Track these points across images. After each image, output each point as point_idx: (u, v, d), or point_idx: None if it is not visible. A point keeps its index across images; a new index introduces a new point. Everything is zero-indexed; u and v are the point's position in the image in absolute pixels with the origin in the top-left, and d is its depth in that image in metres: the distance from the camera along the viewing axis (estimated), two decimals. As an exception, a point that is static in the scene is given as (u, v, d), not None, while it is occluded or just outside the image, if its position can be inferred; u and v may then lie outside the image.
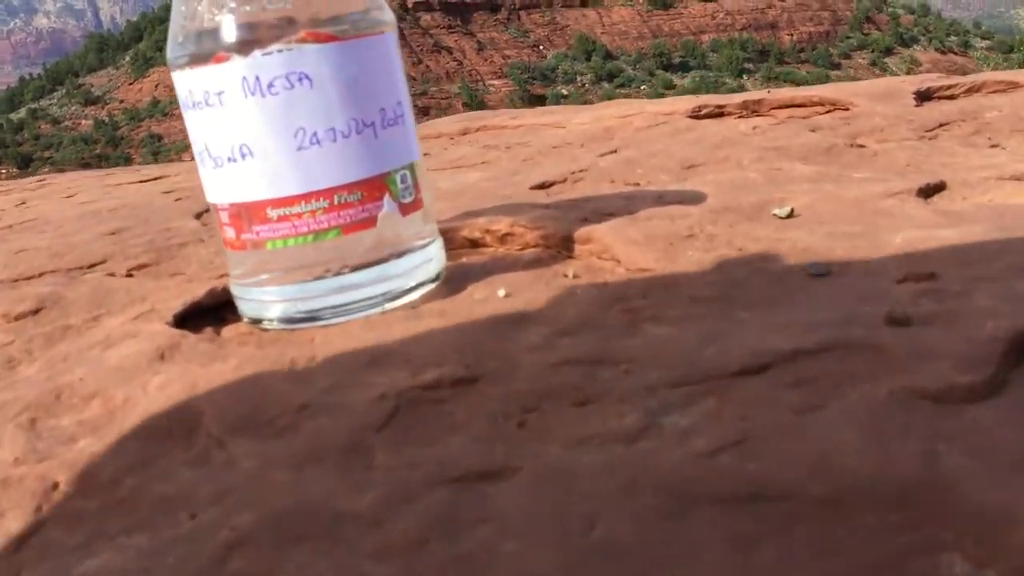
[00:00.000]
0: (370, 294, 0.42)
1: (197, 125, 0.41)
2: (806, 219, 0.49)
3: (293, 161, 0.40)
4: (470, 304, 0.42)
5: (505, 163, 0.82)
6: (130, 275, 0.55)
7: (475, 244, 0.53)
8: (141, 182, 1.23)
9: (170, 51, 0.41)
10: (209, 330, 0.43)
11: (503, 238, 0.53)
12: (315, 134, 0.40)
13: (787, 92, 1.09)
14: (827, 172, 0.61)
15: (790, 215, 0.50)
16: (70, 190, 1.23)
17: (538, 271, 0.46)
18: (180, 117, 0.43)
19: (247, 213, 0.41)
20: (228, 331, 0.43)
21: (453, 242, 0.51)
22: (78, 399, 0.36)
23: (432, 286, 0.44)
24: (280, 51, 0.39)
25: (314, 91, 0.39)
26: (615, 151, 0.82)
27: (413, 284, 0.43)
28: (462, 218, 0.54)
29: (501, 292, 0.42)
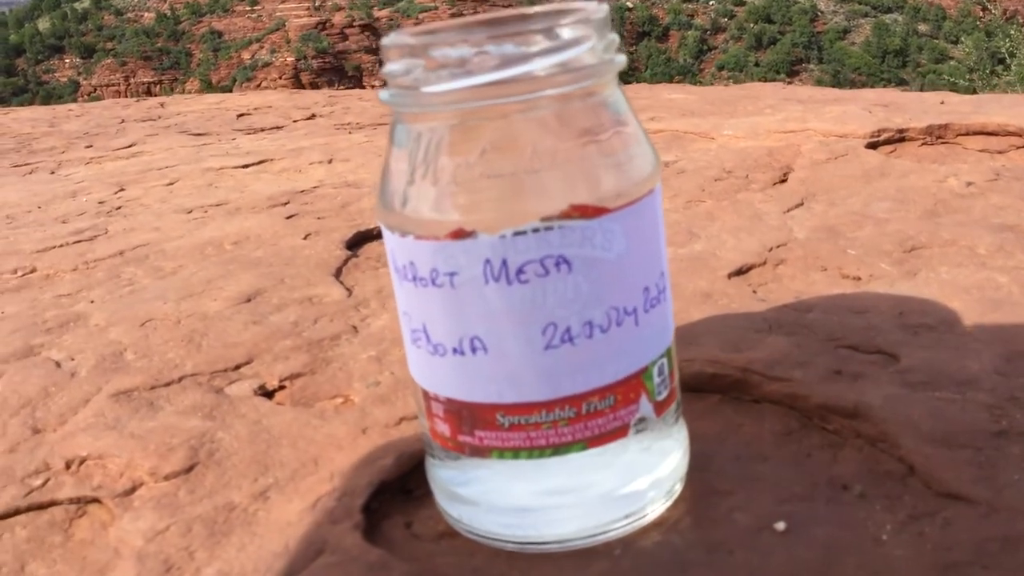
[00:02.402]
0: (612, 518, 0.33)
1: (414, 302, 0.32)
2: None
3: (537, 361, 0.31)
4: (740, 545, 0.33)
5: (669, 210, 0.72)
6: (283, 387, 0.47)
7: (693, 387, 0.44)
8: (244, 167, 1.15)
9: (381, 205, 0.32)
10: (407, 535, 0.35)
11: (733, 384, 0.43)
12: (568, 330, 0.31)
13: (969, 111, 0.97)
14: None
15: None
16: (167, 172, 1.16)
17: (802, 468, 0.37)
18: (241, 14, 0.33)
19: (470, 414, 0.32)
20: (428, 546, 0.35)
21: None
22: None
23: (678, 492, 0.35)
24: (537, 230, 0.29)
25: (572, 276, 0.30)
26: (802, 204, 0.71)
27: (663, 495, 0.34)
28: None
29: (779, 526, 0.33)
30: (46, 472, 0.41)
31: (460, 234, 0.30)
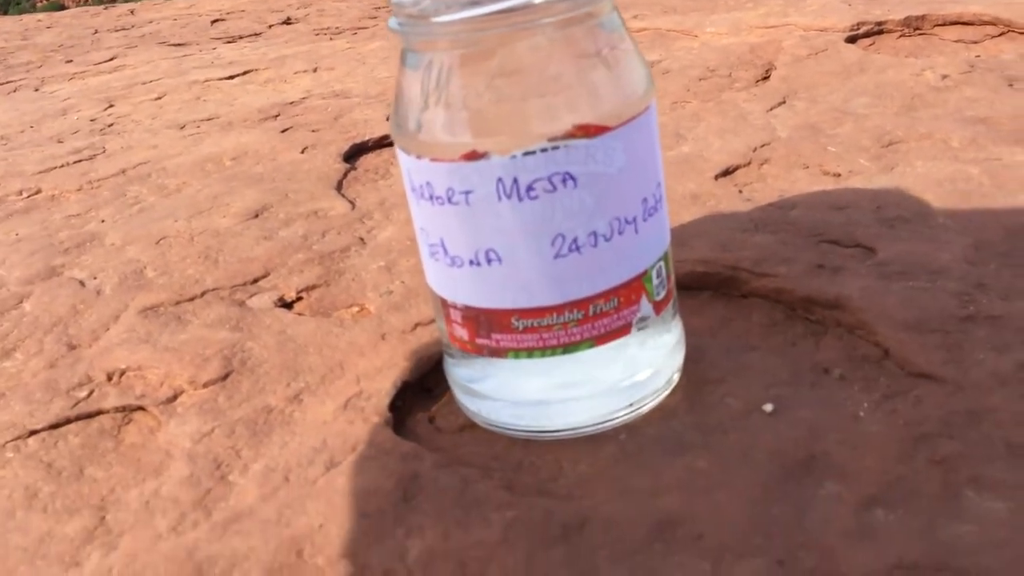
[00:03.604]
0: (617, 406, 0.37)
1: (431, 219, 0.35)
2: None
3: (547, 270, 0.34)
4: (733, 426, 0.36)
5: (657, 112, 0.75)
6: (300, 299, 0.50)
7: (686, 286, 0.47)
8: (230, 78, 1.16)
9: (396, 127, 0.34)
10: (430, 429, 0.39)
11: (723, 281, 0.47)
12: (575, 240, 0.34)
13: (946, 1, 0.98)
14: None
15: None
16: (153, 87, 1.16)
17: (787, 355, 0.41)
18: None
19: (487, 319, 0.35)
20: (451, 438, 0.38)
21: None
22: (323, 560, 0.32)
23: (675, 381, 0.39)
24: (545, 150, 0.32)
25: (577, 191, 0.33)
26: (784, 102, 0.73)
27: (662, 385, 0.38)
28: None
29: (767, 408, 0.37)
30: (89, 384, 0.45)
31: (473, 156, 0.32)
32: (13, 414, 0.43)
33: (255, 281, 0.52)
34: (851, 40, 0.90)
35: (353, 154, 0.74)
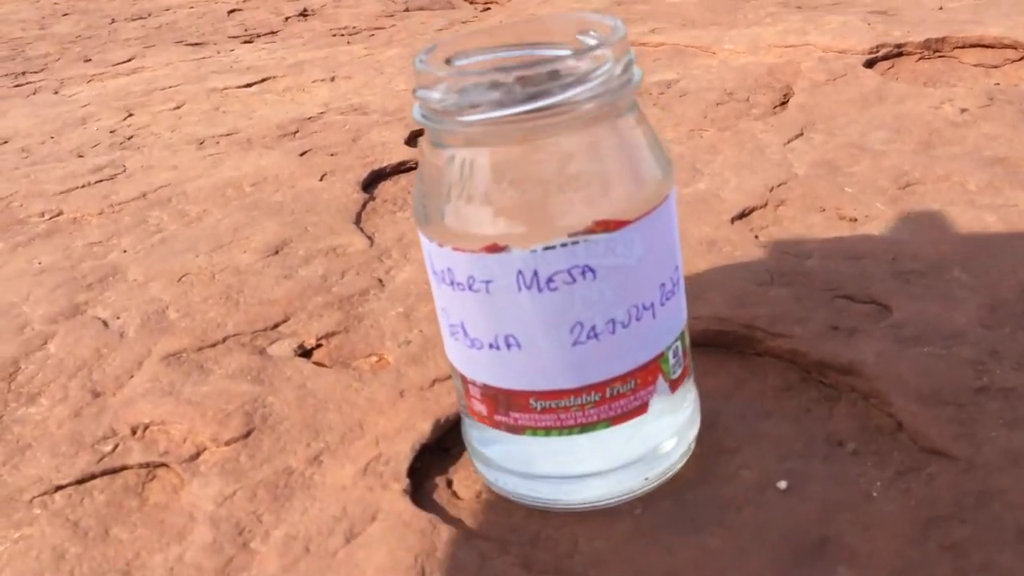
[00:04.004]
0: (632, 482, 0.37)
1: (451, 301, 0.35)
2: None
3: (566, 356, 0.34)
4: (747, 501, 0.37)
5: (673, 141, 0.75)
6: (320, 346, 0.51)
7: (702, 343, 0.48)
8: (247, 86, 1.16)
9: (419, 213, 0.35)
10: (448, 494, 0.40)
11: (738, 340, 0.47)
12: (593, 327, 0.34)
13: (967, 19, 0.98)
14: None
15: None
16: (172, 94, 1.17)
17: (801, 423, 0.41)
18: None
19: (505, 398, 0.36)
20: (469, 506, 0.39)
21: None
22: (344, 640, 0.33)
23: (691, 451, 0.40)
24: (565, 244, 0.32)
25: (596, 283, 0.33)
26: (801, 134, 0.73)
27: (677, 459, 0.39)
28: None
29: (782, 485, 0.38)
30: (114, 438, 0.46)
31: (494, 248, 0.33)
32: (40, 468, 0.44)
33: (275, 327, 0.53)
34: (869, 64, 0.90)
35: (372, 181, 0.75)
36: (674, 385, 0.37)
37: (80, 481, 0.43)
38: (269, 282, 0.58)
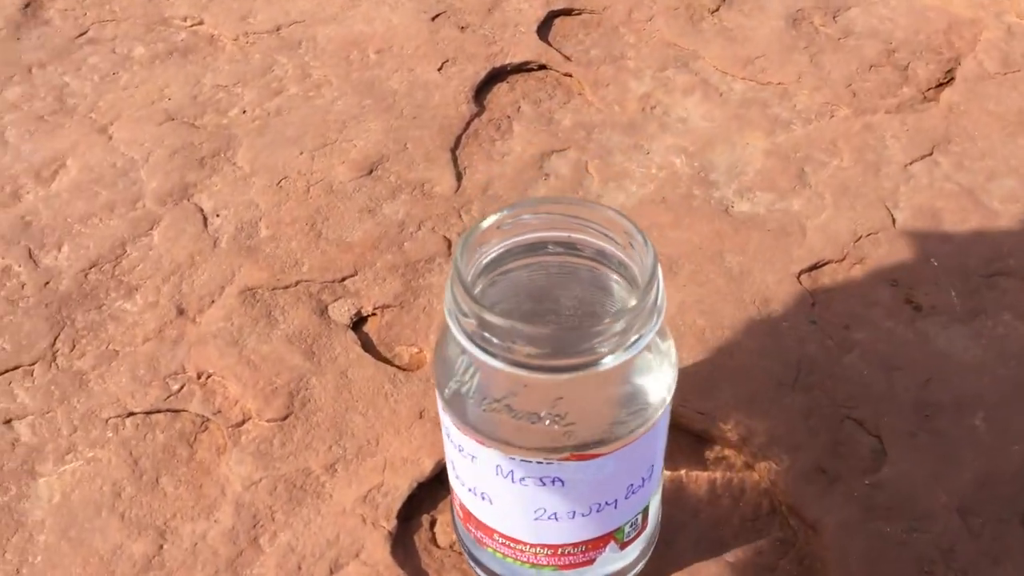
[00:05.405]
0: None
1: (449, 446, 0.40)
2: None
3: (527, 525, 0.40)
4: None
5: (799, 112, 0.72)
6: (374, 314, 0.57)
7: (696, 436, 0.51)
8: None
9: (435, 379, 0.39)
10: (427, 539, 0.47)
11: (731, 446, 0.51)
12: (555, 514, 0.39)
13: None
14: None
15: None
16: None
17: (744, 570, 0.46)
18: None
19: (476, 522, 0.42)
20: (441, 559, 0.46)
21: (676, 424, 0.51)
22: (302, 672, 0.42)
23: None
24: (540, 462, 0.37)
25: (564, 489, 0.38)
26: (931, 154, 0.70)
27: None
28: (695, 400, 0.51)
29: (692, 643, 0.44)
30: (183, 375, 0.54)
31: (480, 441, 0.37)
32: (119, 387, 0.53)
33: (343, 280, 0.58)
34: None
35: (488, 81, 0.75)
36: (624, 545, 0.42)
37: (148, 413, 0.52)
38: (353, 215, 0.63)
